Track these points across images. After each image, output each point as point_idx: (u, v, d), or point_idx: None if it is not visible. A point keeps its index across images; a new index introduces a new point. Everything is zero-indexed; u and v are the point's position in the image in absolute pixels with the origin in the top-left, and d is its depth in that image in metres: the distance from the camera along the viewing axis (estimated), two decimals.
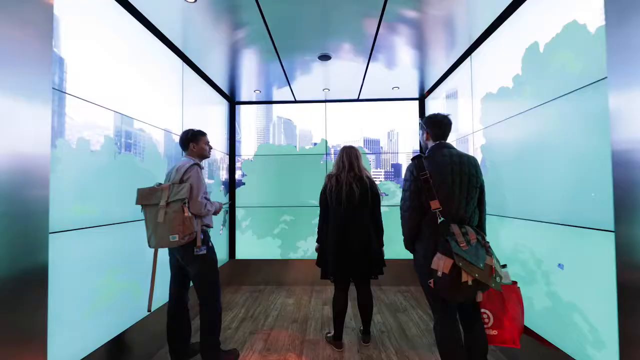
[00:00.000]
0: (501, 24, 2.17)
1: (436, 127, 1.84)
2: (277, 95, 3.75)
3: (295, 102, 3.97)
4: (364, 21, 2.19)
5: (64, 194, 1.51)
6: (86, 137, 1.66)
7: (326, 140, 3.86)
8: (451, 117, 1.86)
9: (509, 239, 2.13)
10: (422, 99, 3.85)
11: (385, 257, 2.34)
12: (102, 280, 1.78)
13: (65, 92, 1.53)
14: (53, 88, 1.46)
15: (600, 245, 1.42)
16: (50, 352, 1.40)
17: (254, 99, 3.93)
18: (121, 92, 1.94)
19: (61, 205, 1.49)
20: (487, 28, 2.29)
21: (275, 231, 3.86)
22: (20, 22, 1.01)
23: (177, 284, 2.00)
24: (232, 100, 3.94)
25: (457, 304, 1.77)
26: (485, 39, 2.38)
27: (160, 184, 1.85)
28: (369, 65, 2.93)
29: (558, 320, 1.72)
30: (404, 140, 3.87)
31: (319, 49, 2.61)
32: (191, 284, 2.03)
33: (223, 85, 3.44)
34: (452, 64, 2.91)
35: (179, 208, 1.74)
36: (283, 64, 2.88)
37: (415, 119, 3.83)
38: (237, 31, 2.31)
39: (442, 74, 3.18)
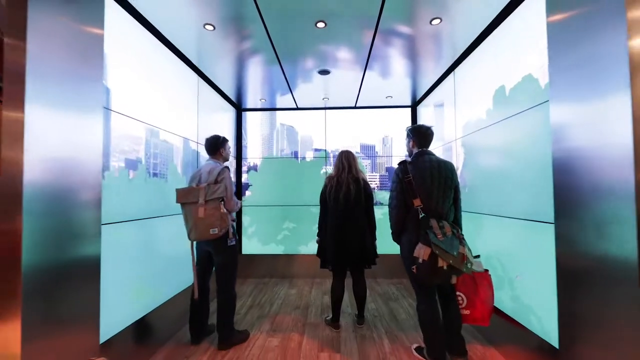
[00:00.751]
0: (478, 45, 2.49)
1: (421, 136, 2.17)
2: (280, 102, 4.07)
3: (297, 109, 4.29)
4: (361, 32, 2.45)
5: (110, 197, 1.83)
6: (125, 147, 1.98)
7: (326, 150, 4.19)
8: (438, 126, 2.19)
9: (484, 232, 2.45)
10: (414, 107, 4.18)
11: (380, 252, 2.66)
12: (133, 267, 2.09)
13: (110, 110, 1.85)
14: (103, 107, 1.77)
15: (547, 234, 1.74)
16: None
17: (259, 106, 4.25)
18: (149, 107, 2.26)
19: (108, 203, 1.81)
20: (467, 48, 2.62)
21: (278, 237, 4.18)
22: (82, 57, 1.33)
23: (203, 272, 2.32)
24: (239, 107, 4.26)
25: (435, 286, 2.10)
26: (467, 55, 2.70)
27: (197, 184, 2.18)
28: (365, 75, 3.22)
29: (518, 300, 2.04)
30: (398, 146, 4.19)
31: (318, 60, 2.88)
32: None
33: (231, 93, 3.76)
34: (440, 75, 3.22)
35: (217, 205, 2.07)
36: (285, 73, 3.17)
37: (408, 125, 4.15)
38: (244, 44, 2.60)
39: (431, 84, 3.49)
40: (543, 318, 1.82)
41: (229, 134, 3.99)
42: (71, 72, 1.27)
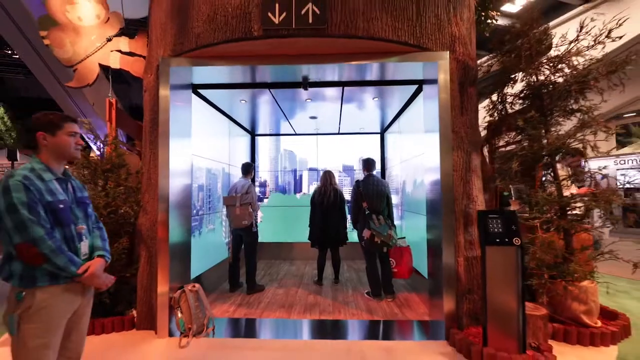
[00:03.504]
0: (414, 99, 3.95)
1: (368, 165, 3.64)
2: (283, 128, 5.50)
3: (296, 134, 5.75)
4: (333, 103, 3.93)
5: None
6: (196, 174, 3.45)
7: (317, 170, 5.65)
8: (394, 151, 3.65)
9: (411, 223, 3.91)
10: (382, 133, 5.63)
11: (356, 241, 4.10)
12: (196, 242, 3.55)
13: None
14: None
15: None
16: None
17: (267, 132, 5.71)
18: (206, 147, 3.72)
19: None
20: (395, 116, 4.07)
21: (282, 230, 5.65)
22: (185, 123, 2.81)
23: (236, 247, 3.79)
24: (253, 134, 5.72)
25: (376, 254, 3.54)
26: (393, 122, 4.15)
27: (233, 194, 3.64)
28: (342, 107, 4.56)
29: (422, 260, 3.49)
30: None
31: (309, 112, 4.35)
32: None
33: (247, 124, 5.21)
34: (397, 110, 4.64)
35: (246, 207, 3.53)
36: (287, 116, 4.62)
37: (378, 148, 5.60)
38: (261, 106, 4.07)
39: (394, 116, 4.92)
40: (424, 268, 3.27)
41: (245, 154, 5.45)
42: (179, 131, 2.75)
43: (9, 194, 1.24)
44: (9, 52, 18.65)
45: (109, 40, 3.18)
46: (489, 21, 5.30)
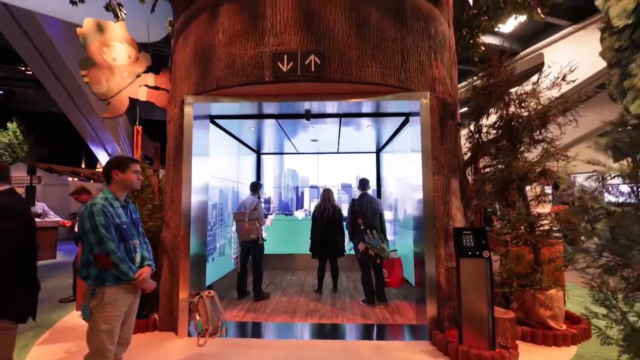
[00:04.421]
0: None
1: (363, 185, 4.08)
2: (286, 147, 5.97)
3: (298, 153, 6.22)
4: (332, 128, 4.40)
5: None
6: (212, 195, 3.89)
7: (318, 187, 6.10)
8: (390, 168, 4.09)
9: (403, 237, 4.31)
10: (378, 153, 6.09)
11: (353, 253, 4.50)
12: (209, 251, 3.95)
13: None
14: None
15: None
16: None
17: (272, 151, 6.18)
18: (219, 167, 4.17)
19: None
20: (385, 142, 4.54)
21: (285, 243, 6.04)
22: (204, 148, 3.26)
23: (244, 258, 4.18)
24: (259, 152, 6.19)
25: (370, 265, 3.93)
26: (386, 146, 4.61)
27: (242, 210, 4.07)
28: (341, 130, 5.07)
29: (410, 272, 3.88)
30: None
31: (311, 135, 4.83)
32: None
33: (253, 145, 5.69)
34: (390, 134, 5.12)
35: (254, 222, 3.95)
36: (290, 138, 5.10)
37: (374, 167, 6.06)
38: (267, 131, 4.55)
39: (387, 139, 5.39)
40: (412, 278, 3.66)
41: (252, 171, 5.91)
42: (199, 154, 3.20)
43: (94, 217, 1.69)
44: (22, 68, 19.50)
45: (138, 76, 3.68)
46: (478, 47, 5.89)
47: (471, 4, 3.52)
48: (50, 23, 9.89)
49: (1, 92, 22.70)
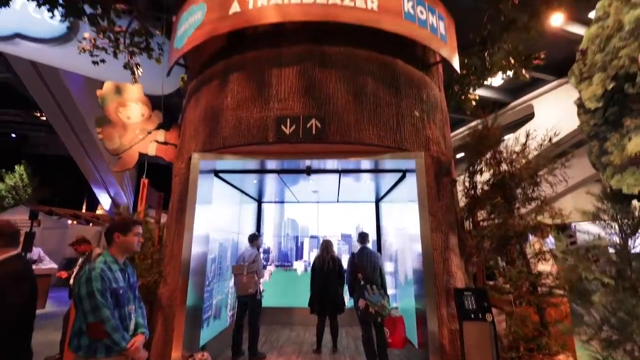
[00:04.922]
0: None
1: (362, 238, 4.10)
2: (287, 196, 6.07)
3: (298, 202, 6.31)
4: (332, 182, 4.55)
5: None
6: (212, 247, 3.90)
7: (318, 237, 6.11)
8: (388, 220, 4.11)
9: (404, 290, 4.21)
10: (377, 202, 6.18)
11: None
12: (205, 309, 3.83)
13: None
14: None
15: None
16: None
17: (272, 200, 6.27)
18: (220, 218, 4.23)
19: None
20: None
21: (282, 296, 5.88)
22: (207, 199, 3.32)
23: (241, 314, 4.04)
24: (259, 201, 6.29)
25: (371, 323, 3.79)
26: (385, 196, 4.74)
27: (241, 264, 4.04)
28: (340, 181, 5.20)
29: (412, 329, 3.72)
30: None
31: (310, 179, 4.96)
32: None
33: (254, 194, 5.79)
34: (390, 186, 5.23)
35: (253, 275, 3.90)
36: (287, 184, 5.23)
37: (374, 217, 6.10)
38: (269, 183, 4.69)
39: (388, 189, 5.49)
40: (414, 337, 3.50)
41: (252, 220, 5.94)
42: (201, 206, 3.26)
43: (91, 283, 1.71)
44: (37, 114, 20.53)
45: (149, 133, 3.91)
46: (470, 102, 6.31)
47: (458, 71, 3.85)
48: (71, 77, 10.66)
49: (13, 135, 23.64)
